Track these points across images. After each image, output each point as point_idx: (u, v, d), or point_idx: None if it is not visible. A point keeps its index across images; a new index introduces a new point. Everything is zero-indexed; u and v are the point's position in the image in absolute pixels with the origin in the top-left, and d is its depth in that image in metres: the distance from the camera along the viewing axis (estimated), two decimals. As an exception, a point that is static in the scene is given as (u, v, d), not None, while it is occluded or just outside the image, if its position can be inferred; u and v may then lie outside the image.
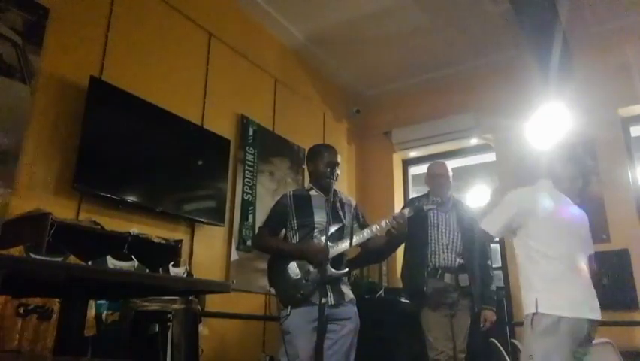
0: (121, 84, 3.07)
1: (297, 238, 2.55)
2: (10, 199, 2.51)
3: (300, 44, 4.88)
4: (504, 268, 4.75)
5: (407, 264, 3.26)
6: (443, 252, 3.09)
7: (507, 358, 3.58)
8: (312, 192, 2.64)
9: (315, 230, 2.52)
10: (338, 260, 2.50)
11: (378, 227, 2.53)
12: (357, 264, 4.25)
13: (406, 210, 2.60)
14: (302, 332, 2.32)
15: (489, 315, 3.11)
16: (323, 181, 2.60)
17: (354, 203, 2.77)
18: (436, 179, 3.27)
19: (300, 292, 2.39)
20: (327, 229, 2.38)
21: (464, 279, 3.07)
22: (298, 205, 2.59)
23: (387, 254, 3.84)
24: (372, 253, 2.78)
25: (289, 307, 2.39)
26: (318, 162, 2.65)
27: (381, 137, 5.67)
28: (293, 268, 2.44)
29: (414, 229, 2.88)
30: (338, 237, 2.51)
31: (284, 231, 2.64)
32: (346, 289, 2.54)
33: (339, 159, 2.66)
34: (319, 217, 2.53)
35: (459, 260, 3.09)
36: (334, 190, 2.57)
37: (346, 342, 2.41)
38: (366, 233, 2.53)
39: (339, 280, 2.51)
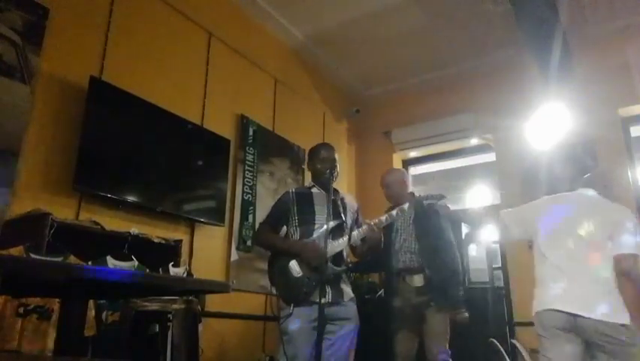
0: (121, 84, 3.07)
1: (297, 234, 2.55)
2: (10, 199, 2.51)
3: (300, 44, 4.89)
4: (504, 268, 4.75)
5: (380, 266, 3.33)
6: (401, 254, 3.10)
7: (507, 358, 3.58)
8: (314, 190, 2.65)
9: (316, 225, 2.52)
10: (338, 257, 2.50)
11: (377, 222, 2.52)
12: (358, 269, 4.25)
13: (406, 206, 2.60)
14: (301, 333, 2.31)
15: (460, 319, 3.06)
16: (322, 179, 2.61)
17: (356, 206, 2.78)
18: (386, 189, 3.31)
19: (303, 289, 2.38)
20: (327, 225, 2.37)
21: (419, 280, 3.03)
22: (300, 202, 2.60)
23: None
24: (372, 256, 2.78)
25: (292, 305, 2.38)
26: (315, 160, 2.67)
27: (381, 137, 5.68)
28: (294, 266, 2.44)
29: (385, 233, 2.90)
30: (338, 234, 2.51)
31: (285, 228, 2.64)
32: (346, 288, 2.53)
33: (336, 156, 2.66)
34: (320, 214, 2.53)
35: (414, 260, 3.07)
36: (336, 190, 2.57)
37: (345, 342, 2.39)
38: (365, 228, 2.53)
39: (339, 277, 2.50)
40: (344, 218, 2.61)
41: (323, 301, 2.18)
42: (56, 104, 2.82)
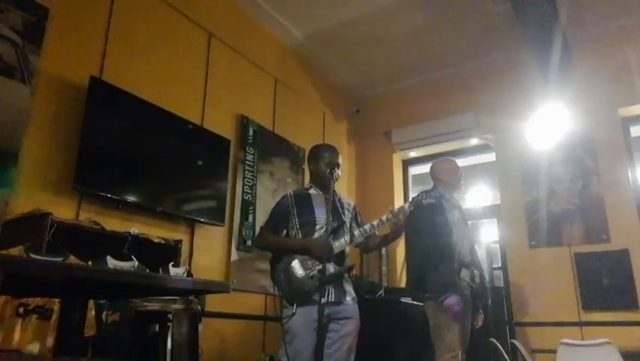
0: (121, 84, 3.07)
1: (299, 237, 2.56)
2: (10, 199, 2.51)
3: (300, 44, 4.88)
4: (504, 267, 4.75)
5: (431, 256, 2.91)
6: (461, 246, 2.97)
7: (507, 358, 3.58)
8: (312, 191, 2.65)
9: (317, 227, 2.52)
10: (340, 258, 2.51)
11: (378, 222, 2.52)
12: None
13: (407, 205, 2.59)
14: (303, 332, 2.32)
15: (480, 318, 3.07)
16: (323, 181, 2.61)
17: (352, 204, 2.78)
18: (458, 173, 3.19)
19: (306, 288, 2.38)
20: (328, 226, 2.37)
21: (475, 276, 3.01)
22: (299, 204, 2.60)
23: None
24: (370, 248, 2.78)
25: (294, 305, 2.38)
26: (320, 162, 2.64)
27: (381, 137, 5.67)
28: (296, 266, 2.43)
29: (435, 222, 2.87)
30: (338, 234, 2.52)
31: (285, 231, 2.64)
32: (348, 288, 2.54)
33: (340, 160, 2.66)
34: (320, 215, 2.54)
35: (470, 257, 3.03)
36: (334, 190, 2.57)
37: (346, 342, 2.40)
38: (367, 228, 2.53)
39: (341, 277, 2.51)
40: (344, 218, 2.62)
41: (323, 301, 2.18)
42: (56, 104, 2.82)
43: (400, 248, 5.41)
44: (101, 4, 3.17)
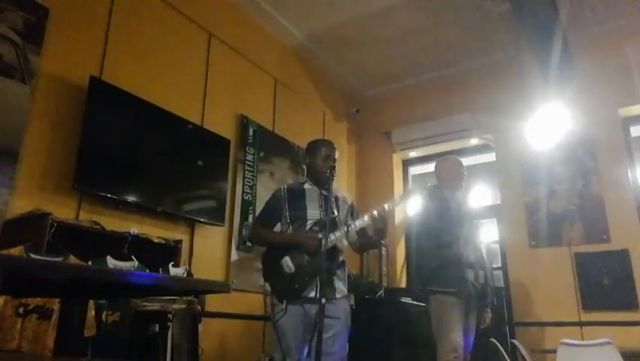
0: (121, 84, 3.07)
1: (290, 230, 2.53)
2: (10, 199, 2.51)
3: (300, 44, 4.88)
4: (504, 268, 4.75)
5: (437, 255, 2.93)
6: (465, 246, 2.96)
7: (507, 358, 3.58)
8: (306, 186, 2.62)
9: (308, 221, 2.49)
10: (331, 254, 2.42)
11: (370, 215, 2.43)
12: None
13: (386, 206, 2.52)
14: (293, 330, 2.32)
15: (488, 316, 3.05)
16: (320, 176, 2.57)
17: (350, 201, 2.73)
18: (459, 172, 3.17)
19: (295, 285, 2.36)
20: (327, 221, 2.34)
21: (481, 276, 2.99)
22: (292, 198, 2.58)
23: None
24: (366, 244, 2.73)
25: (284, 302, 2.36)
26: (317, 157, 2.62)
27: (381, 137, 5.67)
28: (287, 262, 2.41)
29: (442, 220, 2.87)
30: (332, 229, 2.43)
31: (278, 225, 2.62)
32: (339, 285, 2.46)
33: (336, 154, 2.63)
34: (312, 210, 2.51)
35: (474, 256, 3.00)
36: (328, 186, 2.55)
37: (336, 342, 2.33)
38: (359, 222, 2.46)
39: (332, 274, 2.44)
40: (337, 213, 2.57)
41: (312, 295, 2.23)
42: (56, 104, 2.82)
43: (400, 248, 5.41)
44: (101, 4, 3.17)
